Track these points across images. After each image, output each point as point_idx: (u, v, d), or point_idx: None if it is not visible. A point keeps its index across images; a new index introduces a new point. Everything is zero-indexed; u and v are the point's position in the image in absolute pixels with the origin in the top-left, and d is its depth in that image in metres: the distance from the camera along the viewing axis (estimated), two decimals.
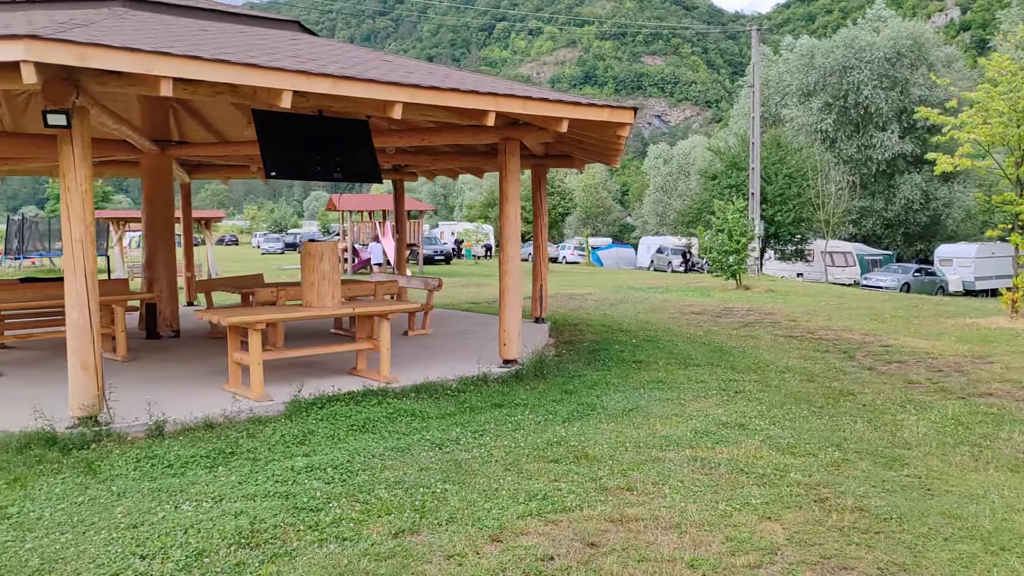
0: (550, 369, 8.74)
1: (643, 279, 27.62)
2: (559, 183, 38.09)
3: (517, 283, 8.53)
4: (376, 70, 6.91)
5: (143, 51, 5.22)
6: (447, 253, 38.52)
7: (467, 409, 6.94)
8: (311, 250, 7.51)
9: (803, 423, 6.61)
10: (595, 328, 12.88)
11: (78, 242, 5.94)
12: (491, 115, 7.03)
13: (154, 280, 10.58)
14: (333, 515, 4.48)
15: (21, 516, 4.51)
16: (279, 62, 5.97)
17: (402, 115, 6.59)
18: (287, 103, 5.94)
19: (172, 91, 5.48)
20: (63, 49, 4.93)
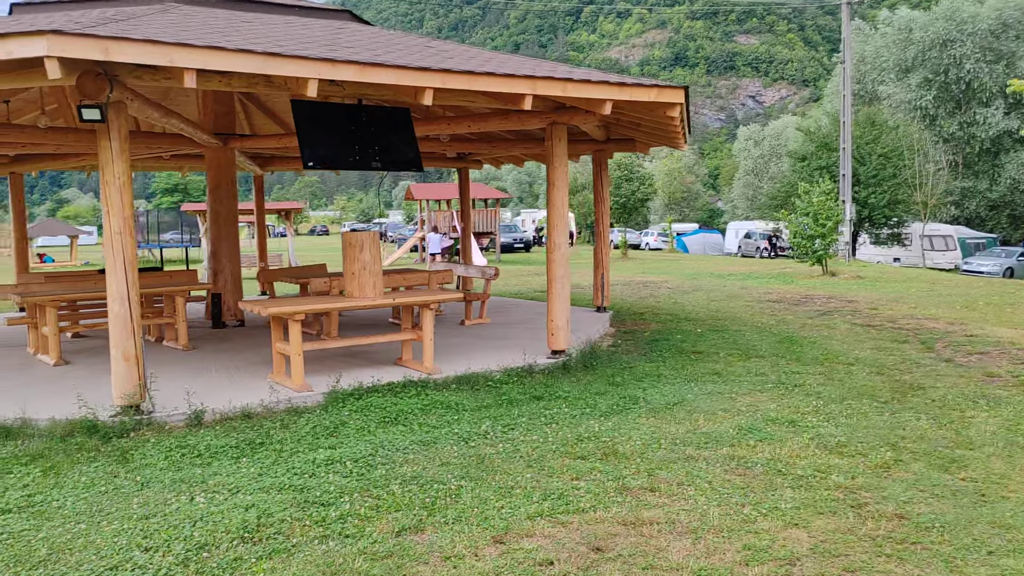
0: (600, 360, 8.50)
1: (726, 266, 26.85)
2: (638, 167, 37.36)
3: (564, 272, 8.30)
4: (409, 56, 6.79)
5: (165, 43, 5.24)
6: (527, 241, 38.39)
7: (504, 402, 6.79)
8: (352, 240, 7.48)
9: (860, 420, 6.17)
10: (661, 317, 12.52)
11: (117, 234, 6.05)
12: (528, 99, 6.82)
13: (218, 271, 10.82)
14: (342, 511, 4.41)
15: (44, 504, 4.60)
16: (305, 50, 5.92)
17: (434, 101, 6.46)
18: (313, 91, 5.88)
19: (196, 82, 5.49)
20: (85, 43, 4.99)
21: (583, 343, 8.88)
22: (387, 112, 7.51)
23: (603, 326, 10.84)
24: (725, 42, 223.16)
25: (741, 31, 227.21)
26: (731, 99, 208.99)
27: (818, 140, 32.16)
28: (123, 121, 6.02)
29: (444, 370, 7.70)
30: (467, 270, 11.73)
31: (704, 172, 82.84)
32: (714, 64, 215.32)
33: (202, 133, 9.13)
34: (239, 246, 11.11)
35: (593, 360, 8.44)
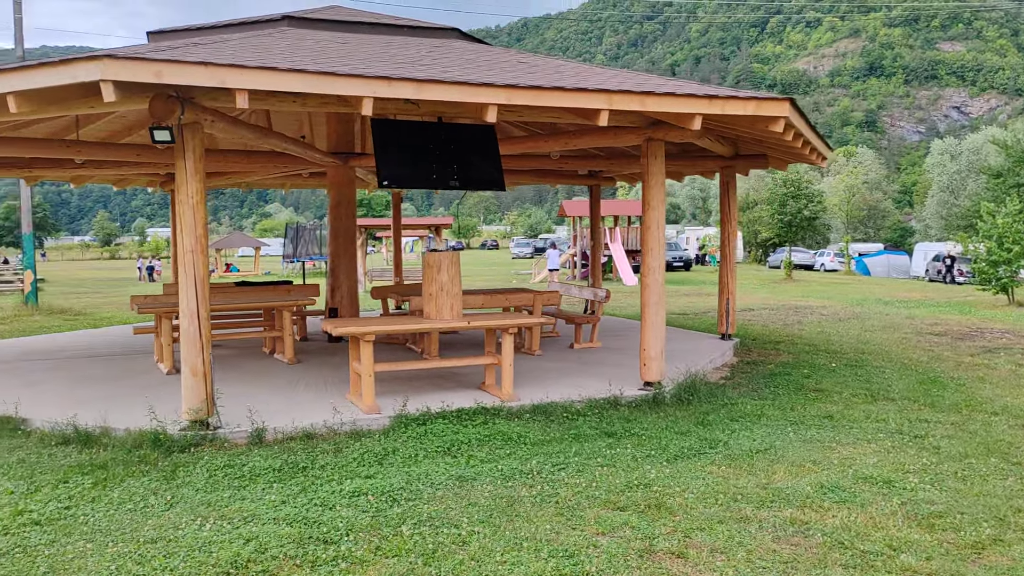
0: (699, 394, 7.83)
1: (901, 291, 24.62)
2: (807, 183, 35.11)
3: (658, 298, 7.72)
4: (483, 72, 6.54)
5: (217, 64, 5.30)
6: (687, 259, 37.13)
7: (571, 436, 6.34)
8: (429, 261, 7.32)
9: (973, 485, 5.21)
10: (796, 347, 11.51)
11: (189, 252, 6.20)
12: (603, 113, 6.38)
13: (336, 286, 11.06)
14: (339, 551, 4.18)
15: (73, 518, 4.71)
16: (364, 69, 5.81)
17: (503, 117, 6.18)
18: (368, 110, 5.76)
19: (248, 103, 5.52)
20: (138, 66, 5.12)
21: (684, 374, 8.23)
22: (469, 130, 7.30)
23: (721, 356, 10.07)
24: (926, 50, 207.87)
25: (945, 38, 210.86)
26: (932, 110, 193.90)
27: (1016, 155, 28.87)
28: (198, 142, 6.18)
29: (523, 398, 7.36)
30: (580, 292, 11.32)
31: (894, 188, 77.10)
32: (913, 73, 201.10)
33: (314, 152, 9.34)
34: (357, 262, 11.31)
35: (690, 394, 7.79)
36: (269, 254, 53.39)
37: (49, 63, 5.12)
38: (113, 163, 11.26)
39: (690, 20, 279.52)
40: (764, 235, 41.36)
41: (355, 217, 11.27)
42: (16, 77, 5.22)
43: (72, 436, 6.37)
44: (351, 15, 9.68)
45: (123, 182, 14.60)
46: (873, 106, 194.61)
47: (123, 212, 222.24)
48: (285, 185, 15.10)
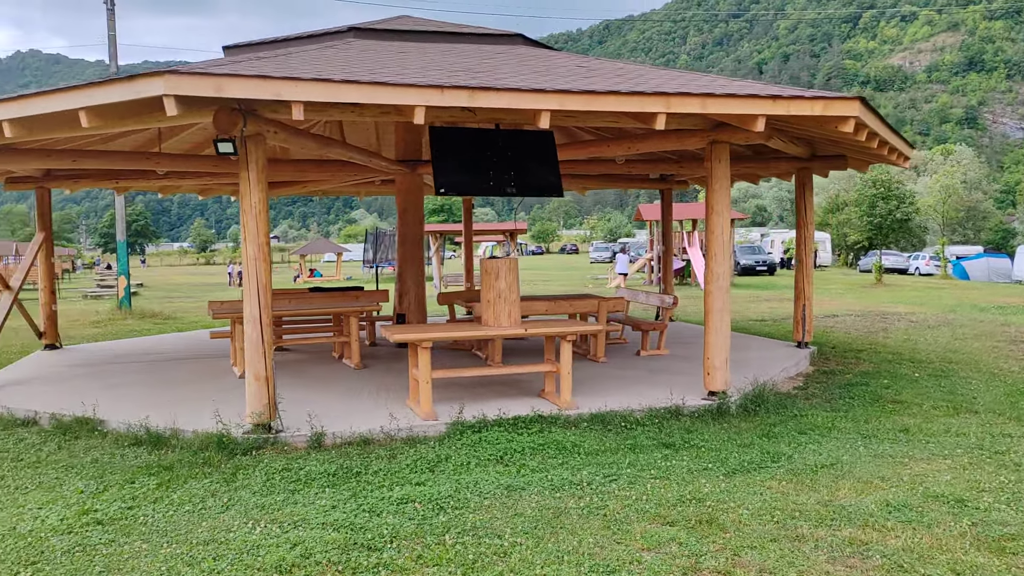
0: (767, 405, 7.58)
1: (999, 296, 23.37)
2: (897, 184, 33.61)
3: (723, 304, 7.51)
4: (540, 78, 6.50)
5: (272, 77, 5.42)
6: (771, 264, 36.15)
7: (627, 447, 6.23)
8: (488, 268, 7.32)
9: None
10: (878, 356, 11.05)
11: (252, 260, 6.37)
12: (661, 117, 6.25)
13: (403, 292, 11.19)
14: (381, 559, 4.20)
15: (134, 518, 4.87)
16: (416, 78, 5.86)
17: (552, 123, 6.11)
18: (420, 118, 5.80)
19: (303, 114, 5.62)
20: (199, 81, 5.29)
21: (753, 384, 7.98)
22: (527, 136, 7.27)
23: (795, 365, 9.74)
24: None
25: None
26: None
27: None
28: (261, 153, 6.34)
29: (582, 406, 7.27)
30: (648, 298, 11.14)
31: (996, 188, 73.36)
32: (1016, 68, 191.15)
33: (380, 160, 9.47)
34: (424, 268, 11.41)
35: (757, 405, 7.55)
36: (352, 259, 54.57)
37: (116, 79, 5.33)
38: (193, 174, 11.70)
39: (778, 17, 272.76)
40: (853, 238, 39.84)
41: (423, 223, 11.37)
42: (86, 93, 5.46)
43: (144, 438, 6.62)
44: (416, 24, 9.80)
45: (207, 192, 15.11)
46: (973, 102, 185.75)
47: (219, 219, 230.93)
48: (360, 193, 15.38)
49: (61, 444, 6.65)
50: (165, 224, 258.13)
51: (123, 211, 18.45)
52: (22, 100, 5.77)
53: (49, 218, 11.73)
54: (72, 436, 6.86)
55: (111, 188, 13.23)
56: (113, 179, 11.59)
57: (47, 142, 9.40)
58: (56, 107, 5.58)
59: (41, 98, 5.67)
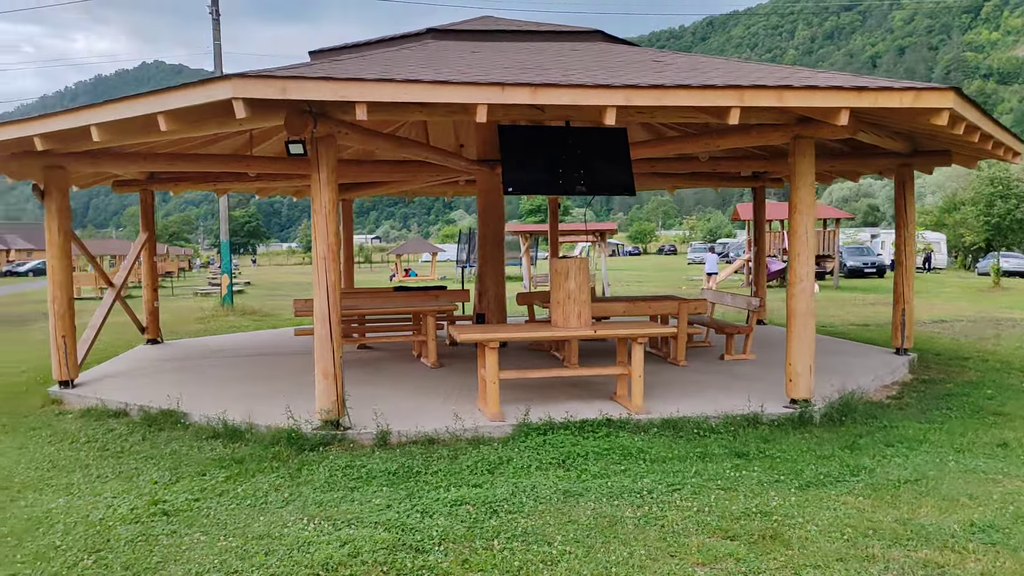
0: (855, 415, 7.18)
1: None
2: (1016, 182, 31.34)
3: (806, 307, 7.15)
4: (611, 74, 6.34)
5: (337, 79, 5.48)
6: (880, 265, 34.43)
7: (697, 455, 5.99)
8: (557, 268, 7.20)
9: None
10: (985, 365, 10.34)
11: (322, 259, 6.46)
12: (735, 111, 5.99)
13: (483, 292, 11.19)
14: (426, 561, 4.15)
15: (198, 510, 5.00)
16: (478, 76, 5.80)
17: (620, 119, 5.94)
18: (482, 116, 5.75)
19: (367, 114, 5.65)
20: (265, 84, 5.39)
21: (840, 392, 7.57)
22: (598, 133, 7.11)
23: (890, 372, 9.20)
24: None
25: None
26: None
27: None
28: (331, 154, 6.42)
29: (654, 411, 7.06)
30: (734, 300, 10.76)
31: None
32: None
33: (458, 160, 9.49)
34: (504, 268, 11.38)
35: (843, 414, 7.16)
36: (448, 259, 55.28)
37: (189, 84, 5.50)
38: (283, 176, 12.05)
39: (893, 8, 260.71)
40: (969, 239, 37.56)
41: (503, 223, 11.34)
42: (162, 98, 5.66)
43: (221, 431, 6.82)
44: (495, 24, 9.77)
45: (300, 193, 15.56)
46: None
47: None
48: (447, 192, 15.52)
49: (145, 435, 6.92)
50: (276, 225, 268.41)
51: (226, 212, 19.22)
52: (108, 105, 6.04)
53: (152, 219, 12.29)
54: (157, 428, 7.13)
55: (210, 190, 13.77)
56: (211, 182, 12.03)
57: (146, 146, 9.86)
58: (137, 112, 5.80)
59: (124, 103, 5.91)
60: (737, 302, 10.66)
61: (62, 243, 8.55)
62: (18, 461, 6.24)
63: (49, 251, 8.55)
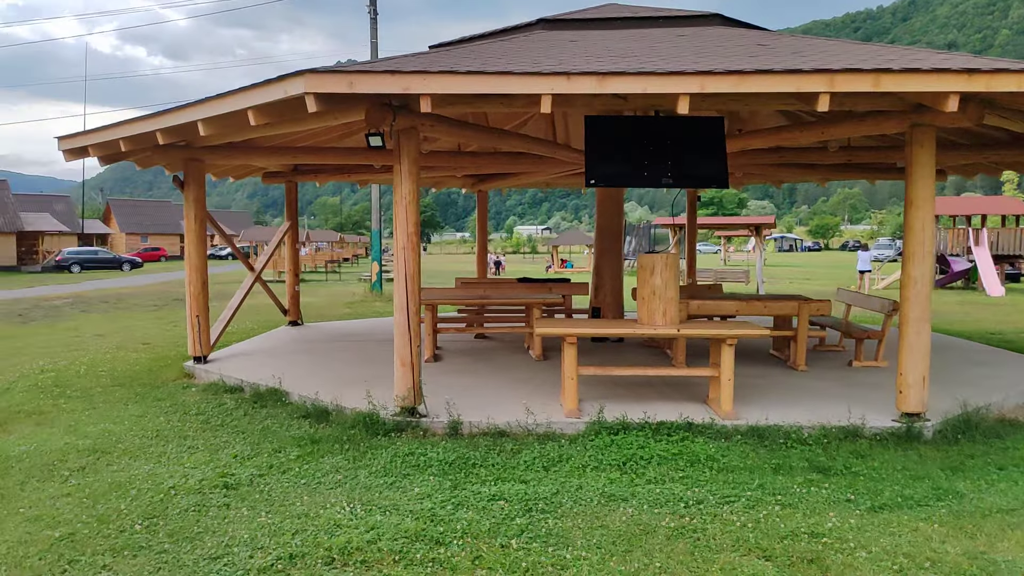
0: (974, 433, 6.46)
1: None
2: None
3: (921, 313, 6.49)
4: (703, 60, 6.03)
5: (402, 72, 5.56)
6: None
7: (772, 466, 5.60)
8: (643, 263, 6.95)
9: None
10: None
11: (402, 249, 6.60)
12: (824, 98, 5.51)
13: (599, 285, 11.03)
14: (439, 555, 4.16)
15: (254, 485, 5.27)
16: (544, 66, 5.69)
17: (696, 107, 5.63)
18: (547, 107, 5.63)
19: (431, 107, 5.69)
20: (333, 79, 5.56)
21: (962, 407, 6.83)
22: (690, 123, 6.77)
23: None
24: None
25: None
26: None
27: None
28: (413, 146, 6.54)
29: (744, 416, 6.68)
30: (868, 301, 9.94)
31: None
32: None
33: (568, 152, 9.38)
34: (622, 262, 11.14)
35: (962, 432, 6.45)
36: None
37: (269, 81, 5.78)
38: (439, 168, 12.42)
39: None
40: None
41: (621, 215, 11.11)
42: (248, 95, 5.99)
43: (311, 412, 7.15)
44: (615, 12, 9.54)
45: (439, 184, 15.97)
46: None
47: (499, 211, 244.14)
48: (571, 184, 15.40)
49: (248, 411, 7.39)
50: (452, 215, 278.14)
51: (378, 202, 20.09)
52: (206, 104, 6.47)
53: (295, 208, 13.07)
54: (260, 405, 7.58)
55: (344, 181, 14.42)
56: (346, 173, 12.62)
57: (285, 139, 10.49)
58: (226, 109, 6.18)
59: (216, 101, 6.32)
60: (871, 304, 9.84)
61: (198, 230, 9.27)
62: (131, 428, 6.84)
63: (187, 237, 9.30)
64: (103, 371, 9.69)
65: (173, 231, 63.09)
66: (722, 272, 23.89)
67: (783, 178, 13.48)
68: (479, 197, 15.74)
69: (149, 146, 8.52)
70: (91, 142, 7.98)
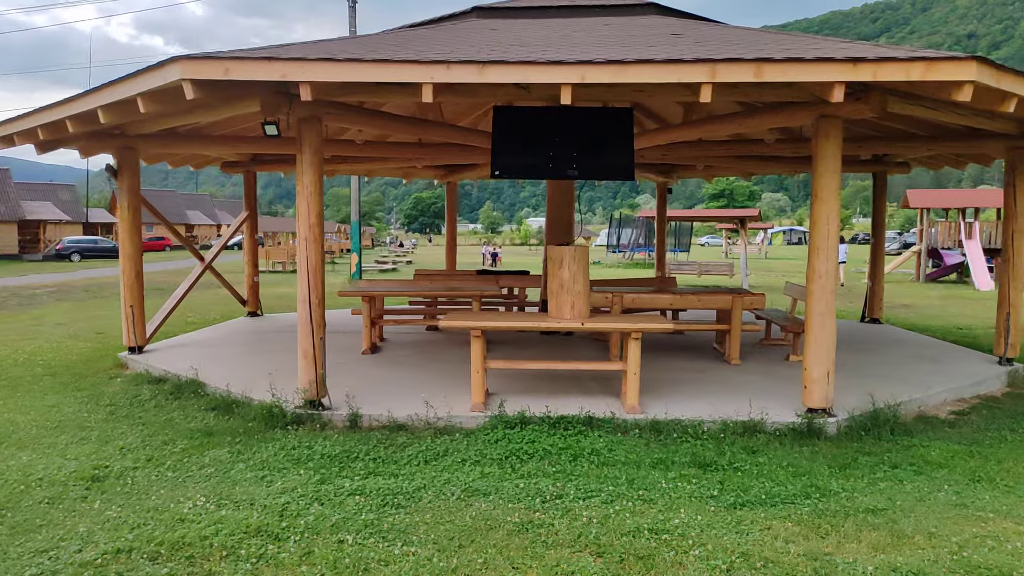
0: (881, 430, 6.34)
1: None
2: None
3: (826, 307, 6.36)
4: (610, 50, 5.92)
5: (280, 59, 5.48)
6: None
7: (654, 463, 5.50)
8: (552, 255, 6.86)
9: None
10: None
11: (303, 241, 6.54)
12: (706, 88, 5.39)
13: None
14: (269, 550, 4.11)
15: (121, 478, 5.23)
16: (425, 55, 5.60)
17: (578, 97, 5.52)
18: (428, 97, 5.54)
19: (311, 95, 5.61)
20: (208, 65, 5.48)
21: (873, 403, 6.69)
22: (597, 114, 6.66)
23: (976, 384, 8.02)
24: None
25: None
26: None
27: None
28: (314, 135, 6.46)
29: (651, 411, 6.59)
30: None
31: None
32: None
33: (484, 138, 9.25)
34: None
35: (869, 428, 6.34)
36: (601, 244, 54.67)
37: (149, 68, 5.73)
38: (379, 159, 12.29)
39: None
40: None
41: (572, 207, 10.99)
42: (132, 83, 5.94)
43: (220, 403, 7.11)
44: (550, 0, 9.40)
45: (408, 175, 15.87)
46: None
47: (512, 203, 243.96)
48: None
49: (160, 402, 7.36)
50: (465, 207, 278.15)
51: (357, 193, 20.05)
52: (101, 91, 6.43)
53: (254, 198, 13.03)
54: (175, 396, 7.56)
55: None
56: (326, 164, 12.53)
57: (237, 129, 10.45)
58: (116, 97, 6.14)
59: (107, 90, 6.28)
60: None
61: (131, 219, 9.24)
62: (35, 419, 6.83)
63: (120, 227, 9.28)
64: (41, 360, 9.71)
65: (179, 220, 63.40)
66: (707, 265, 23.70)
67: (750, 170, 13.29)
68: (448, 188, 15.66)
69: (80, 133, 8.49)
70: (14, 130, 7.96)
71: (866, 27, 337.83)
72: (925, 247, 25.58)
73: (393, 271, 31.31)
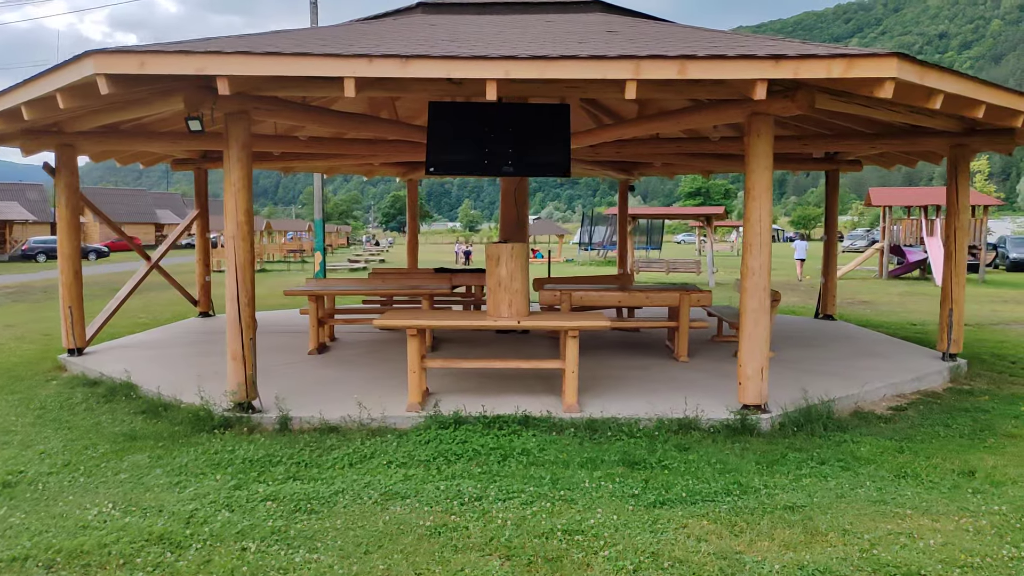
0: (814, 426, 6.33)
1: None
2: None
3: (758, 304, 6.33)
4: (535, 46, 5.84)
5: (196, 53, 5.36)
6: None
7: (582, 462, 5.44)
8: (490, 253, 6.78)
9: None
10: None
11: (231, 238, 6.41)
12: (630, 85, 5.35)
13: None
14: (167, 559, 3.99)
15: (36, 484, 5.08)
16: (347, 49, 5.49)
17: (504, 93, 5.45)
18: (351, 91, 5.44)
19: (229, 89, 5.49)
20: (122, 59, 5.35)
21: (807, 399, 6.68)
22: (533, 111, 6.59)
23: (917, 380, 8.05)
24: None
25: None
26: None
27: None
28: (241, 130, 6.33)
29: (589, 410, 6.53)
30: None
31: None
32: None
33: None
34: None
35: (802, 424, 6.32)
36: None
37: (65, 62, 5.58)
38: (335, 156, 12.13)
39: None
40: None
41: (526, 205, 10.90)
42: (50, 78, 5.79)
43: (151, 406, 6.96)
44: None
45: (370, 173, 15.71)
46: None
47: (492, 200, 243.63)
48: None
49: (92, 406, 7.20)
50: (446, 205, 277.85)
51: (320, 191, 19.86)
52: (23, 87, 6.27)
53: (205, 196, 12.84)
54: (107, 399, 7.39)
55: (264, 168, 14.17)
56: (264, 161, 12.34)
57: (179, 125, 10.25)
58: (37, 93, 5.98)
59: (33, 84, 6.10)
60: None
61: (69, 218, 9.04)
62: None
63: (58, 225, 9.08)
64: None
65: (149, 220, 62.68)
66: (674, 262, 23.75)
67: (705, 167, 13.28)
68: (409, 186, 15.55)
69: (14, 132, 8.31)
70: None
71: (839, 28, 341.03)
72: (887, 244, 25.79)
73: (363, 270, 31.08)
